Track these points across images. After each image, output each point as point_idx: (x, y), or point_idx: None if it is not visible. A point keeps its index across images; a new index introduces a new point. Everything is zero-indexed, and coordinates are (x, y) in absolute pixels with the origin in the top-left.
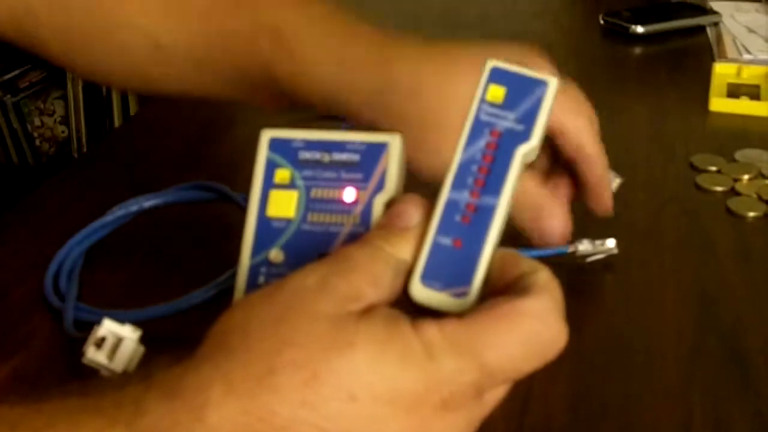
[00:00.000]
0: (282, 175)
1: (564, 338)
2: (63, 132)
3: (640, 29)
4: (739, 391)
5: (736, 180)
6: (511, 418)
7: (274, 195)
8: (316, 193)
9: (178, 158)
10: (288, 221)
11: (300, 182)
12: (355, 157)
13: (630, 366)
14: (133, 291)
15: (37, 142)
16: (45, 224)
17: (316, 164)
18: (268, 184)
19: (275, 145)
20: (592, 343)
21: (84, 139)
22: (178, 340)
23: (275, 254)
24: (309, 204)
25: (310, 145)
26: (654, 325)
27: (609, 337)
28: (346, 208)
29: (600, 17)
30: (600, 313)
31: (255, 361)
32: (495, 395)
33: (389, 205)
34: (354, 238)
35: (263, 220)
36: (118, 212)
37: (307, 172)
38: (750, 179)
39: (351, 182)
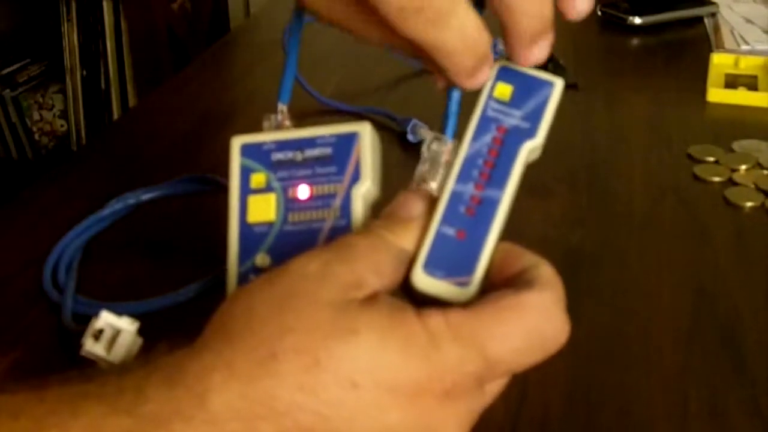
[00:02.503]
0: (258, 179)
1: (566, 333)
2: (62, 126)
3: (637, 20)
4: (735, 379)
5: (733, 170)
6: (509, 407)
7: (253, 200)
8: (294, 192)
9: (176, 151)
10: (270, 224)
11: (276, 184)
12: (328, 151)
13: (627, 355)
14: (132, 283)
15: (36, 136)
16: (43, 217)
17: (290, 163)
18: (245, 190)
19: (247, 150)
20: (589, 332)
21: (83, 133)
22: (176, 332)
23: (261, 259)
24: (288, 204)
25: (282, 145)
26: (651, 314)
27: (606, 327)
28: (325, 203)
29: (597, 8)
30: (597, 303)
31: (257, 347)
32: (495, 387)
33: (367, 195)
34: (337, 231)
35: (245, 227)
36: (117, 205)
37: (282, 173)
38: (747, 169)
39: (322, 177)
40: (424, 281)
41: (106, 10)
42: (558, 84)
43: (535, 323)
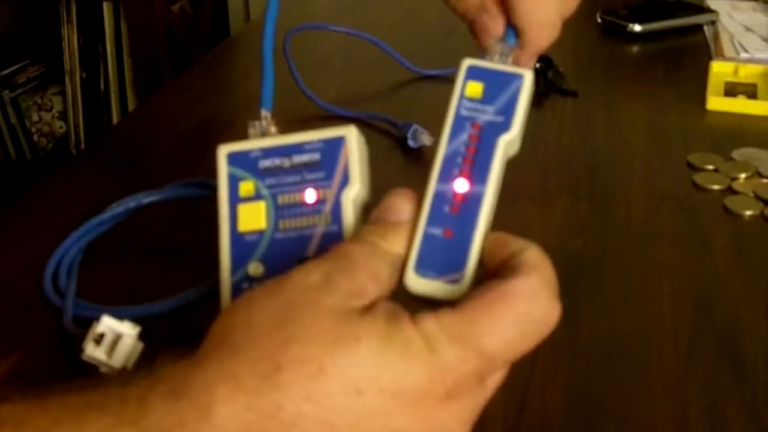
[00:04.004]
0: (246, 187)
1: (556, 313)
2: (61, 128)
3: (637, 28)
4: (735, 388)
5: (733, 179)
6: (510, 415)
7: (243, 209)
8: (283, 199)
9: (177, 155)
10: (260, 233)
11: (265, 191)
12: (316, 156)
13: (627, 363)
14: (132, 287)
15: (35, 138)
16: (44, 220)
17: (278, 170)
18: (234, 199)
19: (234, 159)
20: (589, 341)
21: (82, 135)
22: (178, 337)
23: (254, 268)
24: (278, 211)
25: (268, 152)
26: (650, 322)
27: (606, 335)
28: (315, 209)
29: (597, 16)
30: (597, 311)
31: (261, 358)
32: (495, 379)
33: (357, 199)
34: (328, 237)
35: (236, 236)
36: (117, 209)
37: (271, 180)
38: (747, 178)
39: (314, 182)
40: (417, 283)
41: (106, 13)
42: (527, 75)
43: (523, 310)
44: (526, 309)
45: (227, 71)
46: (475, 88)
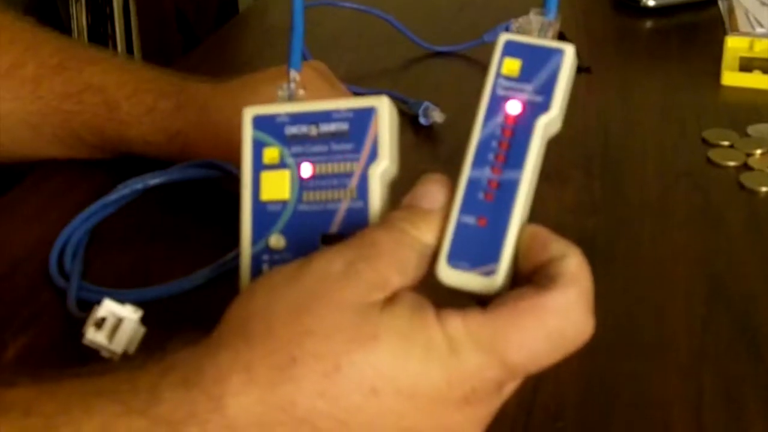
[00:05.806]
0: (271, 154)
1: (589, 331)
2: None
3: (651, 2)
4: (750, 367)
5: (748, 155)
6: (523, 397)
7: (266, 177)
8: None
9: None
10: (283, 203)
11: (290, 160)
12: (344, 126)
13: (640, 343)
14: (138, 270)
15: None
16: (50, 202)
17: (305, 138)
18: (258, 166)
19: (259, 122)
20: (603, 320)
21: None
22: (182, 321)
23: (275, 240)
24: (302, 182)
25: (296, 118)
26: (664, 301)
27: (619, 314)
28: (341, 183)
29: None
30: (610, 290)
31: (277, 350)
32: (512, 386)
33: (385, 175)
34: (353, 213)
35: (258, 205)
36: (124, 190)
37: (297, 148)
38: (762, 154)
39: (341, 154)
40: (450, 275)
41: None
42: (569, 51)
43: (555, 326)
44: (559, 325)
45: (236, 50)
46: (512, 65)
